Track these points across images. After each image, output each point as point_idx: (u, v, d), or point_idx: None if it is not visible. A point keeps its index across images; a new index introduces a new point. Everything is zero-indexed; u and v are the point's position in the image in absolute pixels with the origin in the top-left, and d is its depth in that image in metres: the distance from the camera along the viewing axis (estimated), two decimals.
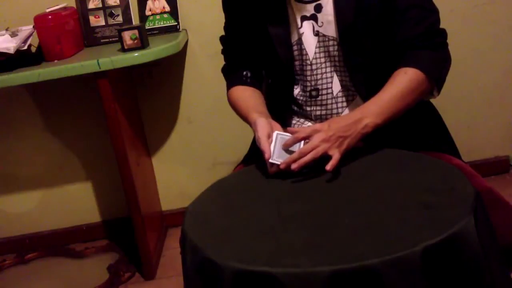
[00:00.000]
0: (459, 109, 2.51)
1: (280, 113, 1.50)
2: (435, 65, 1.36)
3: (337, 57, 1.44)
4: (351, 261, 0.95)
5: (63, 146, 2.56)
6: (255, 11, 1.47)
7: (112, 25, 2.32)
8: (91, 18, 2.32)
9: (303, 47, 1.46)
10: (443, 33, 1.40)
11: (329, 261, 0.96)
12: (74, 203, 2.63)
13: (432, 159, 1.28)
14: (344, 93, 1.47)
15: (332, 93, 1.47)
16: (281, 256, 1.00)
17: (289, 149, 1.29)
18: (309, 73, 1.48)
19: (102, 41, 2.33)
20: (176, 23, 2.34)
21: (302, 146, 1.28)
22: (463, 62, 2.42)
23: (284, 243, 1.05)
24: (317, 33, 1.44)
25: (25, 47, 2.09)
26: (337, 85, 1.47)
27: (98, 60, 2.02)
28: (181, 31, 2.34)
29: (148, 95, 2.49)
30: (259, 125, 1.35)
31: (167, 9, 2.34)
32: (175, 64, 2.45)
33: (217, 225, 1.16)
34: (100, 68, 2.02)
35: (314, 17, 1.43)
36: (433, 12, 1.39)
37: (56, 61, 2.11)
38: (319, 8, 1.42)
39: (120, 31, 2.07)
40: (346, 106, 1.47)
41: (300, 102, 1.52)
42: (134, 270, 2.36)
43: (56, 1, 2.24)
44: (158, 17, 2.34)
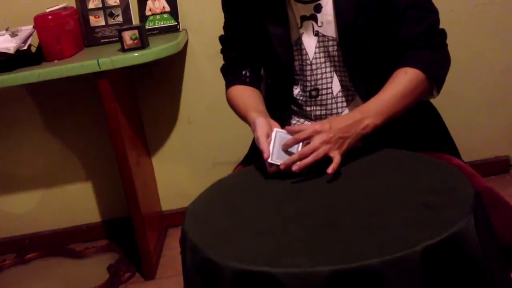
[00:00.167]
0: (459, 109, 2.51)
1: (279, 113, 1.50)
2: (434, 65, 1.36)
3: (337, 57, 1.44)
4: (351, 261, 0.95)
5: (63, 146, 2.56)
6: (254, 11, 1.47)
7: (112, 25, 2.32)
8: (91, 18, 2.32)
9: (302, 47, 1.46)
10: (443, 33, 1.40)
11: (329, 261, 0.96)
12: (74, 203, 2.63)
13: (432, 159, 1.28)
14: (344, 93, 1.47)
15: (332, 93, 1.47)
16: (281, 256, 1.00)
17: (288, 149, 1.29)
18: (309, 73, 1.47)
19: (102, 41, 2.33)
20: (176, 23, 2.34)
21: (302, 147, 1.27)
22: (463, 62, 2.42)
23: (284, 243, 1.05)
24: (316, 33, 1.44)
25: (25, 47, 2.09)
26: (337, 85, 1.47)
27: (98, 60, 2.02)
28: (181, 31, 2.34)
29: (148, 95, 2.49)
30: (258, 124, 1.35)
31: (167, 9, 2.34)
32: (175, 64, 2.45)
33: (217, 225, 1.16)
34: (100, 68, 2.02)
35: (314, 17, 1.43)
36: (432, 12, 1.39)
37: (56, 61, 2.11)
38: (318, 8, 1.42)
39: (120, 31, 2.07)
40: (346, 106, 1.47)
41: (300, 102, 1.52)
42: (134, 270, 2.36)
43: (56, 1, 2.24)
44: (158, 17, 2.34)
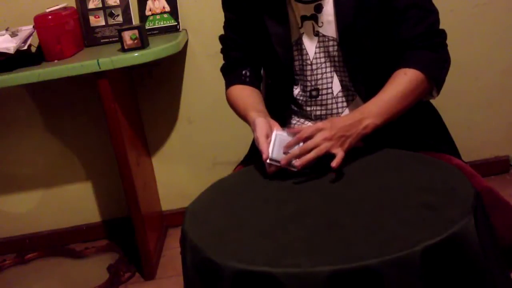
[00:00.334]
0: (459, 109, 2.51)
1: (280, 113, 1.50)
2: (434, 65, 1.36)
3: (337, 57, 1.44)
4: (351, 261, 0.95)
5: (63, 146, 2.56)
6: (255, 11, 1.47)
7: (112, 25, 2.32)
8: (91, 18, 2.32)
9: (303, 47, 1.46)
10: (443, 33, 1.40)
11: (329, 261, 0.96)
12: (74, 203, 2.63)
13: (432, 159, 1.28)
14: (344, 93, 1.47)
15: (332, 93, 1.47)
16: (281, 256, 1.00)
17: (289, 151, 1.28)
18: (309, 73, 1.47)
19: (102, 41, 2.33)
20: (176, 23, 2.34)
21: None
22: (463, 62, 2.42)
23: (284, 243, 1.05)
24: (317, 33, 1.44)
25: (25, 47, 2.09)
26: (337, 85, 1.47)
27: (98, 60, 2.02)
28: (181, 31, 2.34)
29: (148, 95, 2.49)
30: (257, 124, 1.34)
31: (167, 9, 2.34)
32: (175, 64, 2.45)
33: (217, 225, 1.16)
34: (100, 68, 2.02)
35: (314, 17, 1.43)
36: (432, 12, 1.39)
37: (56, 61, 2.11)
38: (319, 8, 1.42)
39: (120, 31, 2.07)
40: (346, 106, 1.47)
41: (300, 102, 1.52)
42: (134, 270, 2.36)
43: (56, 1, 2.24)
44: (158, 17, 2.34)
